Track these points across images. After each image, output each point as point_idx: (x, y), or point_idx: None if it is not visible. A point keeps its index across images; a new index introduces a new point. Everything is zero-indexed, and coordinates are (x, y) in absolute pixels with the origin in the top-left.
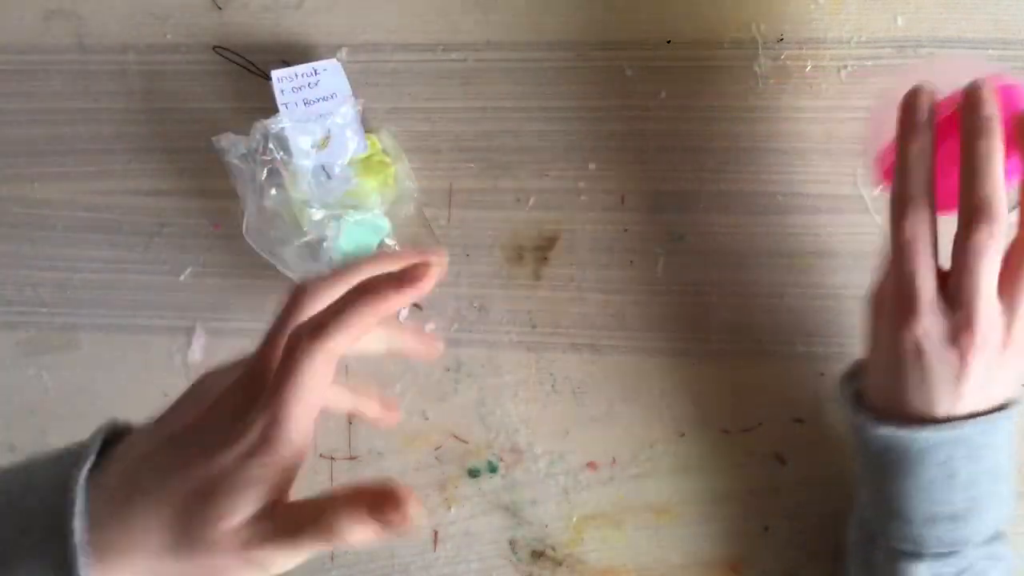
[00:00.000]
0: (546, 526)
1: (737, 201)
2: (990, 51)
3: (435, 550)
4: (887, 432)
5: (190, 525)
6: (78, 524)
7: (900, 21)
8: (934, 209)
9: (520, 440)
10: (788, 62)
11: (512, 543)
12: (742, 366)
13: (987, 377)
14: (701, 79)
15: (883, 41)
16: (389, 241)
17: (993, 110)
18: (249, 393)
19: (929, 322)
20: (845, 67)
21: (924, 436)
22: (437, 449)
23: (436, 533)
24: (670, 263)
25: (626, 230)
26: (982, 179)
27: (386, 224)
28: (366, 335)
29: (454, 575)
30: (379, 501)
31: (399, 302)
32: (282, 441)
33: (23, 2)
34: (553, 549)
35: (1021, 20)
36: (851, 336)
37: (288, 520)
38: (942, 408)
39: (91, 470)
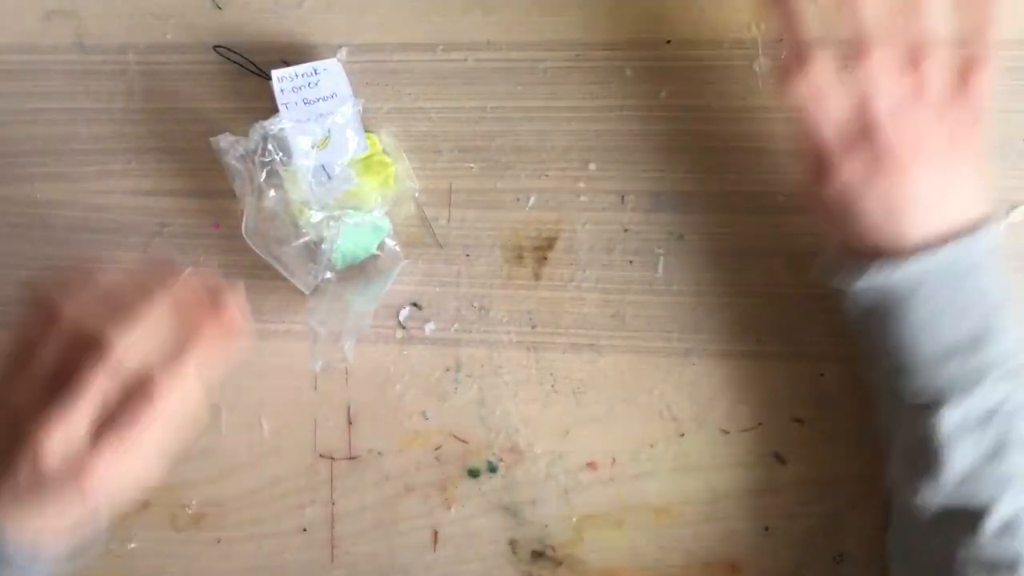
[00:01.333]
0: (546, 526)
1: (737, 201)
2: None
3: (435, 550)
4: (864, 284)
5: None
6: None
7: None
8: None
9: (520, 440)
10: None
11: (512, 543)
12: (742, 366)
13: (940, 175)
14: (701, 79)
15: None
16: (389, 241)
17: None
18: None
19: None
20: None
21: (900, 272)
22: (437, 449)
23: (436, 533)
24: (670, 263)
25: (626, 230)
26: None
27: (386, 224)
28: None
29: (454, 575)
30: None
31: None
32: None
33: (23, 2)
34: (553, 549)
35: (1021, 20)
36: (851, 336)
37: None
38: (909, 230)
39: None
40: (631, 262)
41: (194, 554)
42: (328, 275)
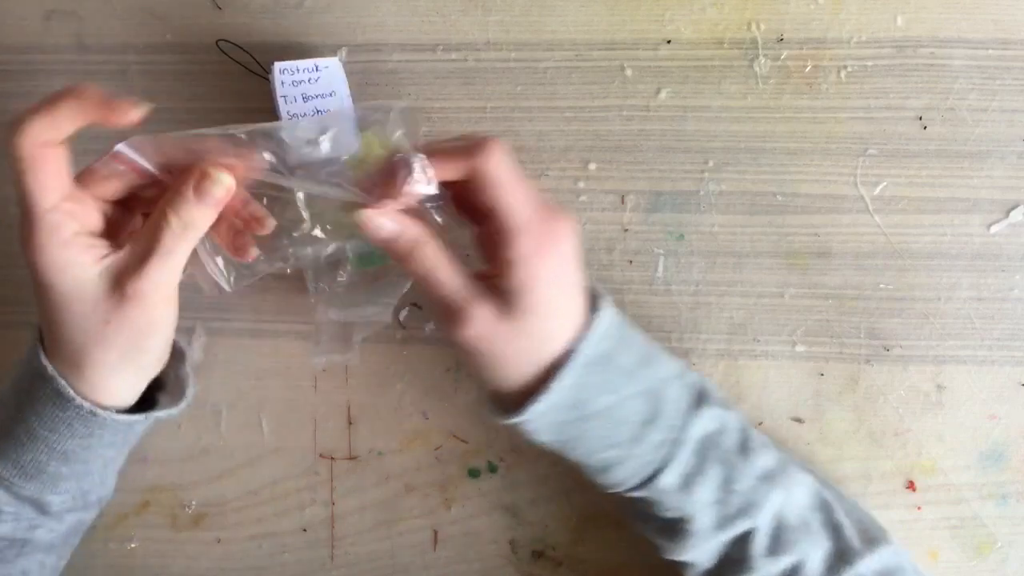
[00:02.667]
0: (546, 526)
1: (737, 201)
2: (990, 51)
3: (435, 550)
4: (515, 419)
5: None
6: (55, 375)
7: (900, 21)
8: None
9: (520, 440)
10: (788, 62)
11: (512, 543)
12: (742, 366)
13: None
14: (701, 79)
15: (883, 41)
16: None
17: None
18: None
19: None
20: (845, 67)
21: (531, 413)
22: (437, 449)
23: (436, 533)
24: (670, 263)
25: (626, 230)
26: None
27: None
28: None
29: (454, 575)
30: None
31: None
32: (31, 215)
33: (23, 2)
34: (553, 549)
35: (1021, 20)
36: (851, 336)
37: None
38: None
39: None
40: (631, 262)
41: (194, 554)
42: (342, 277)
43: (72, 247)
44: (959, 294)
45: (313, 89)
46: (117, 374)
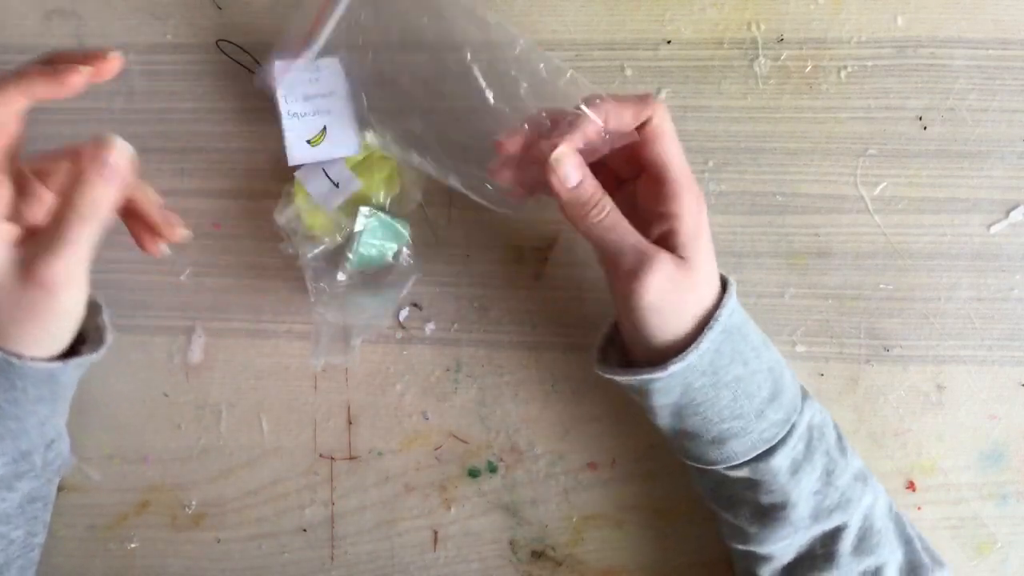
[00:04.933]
0: (546, 526)
1: (737, 201)
2: (990, 51)
3: (435, 550)
4: (670, 371)
5: None
6: None
7: (900, 21)
8: None
9: (520, 440)
10: (788, 62)
11: (512, 543)
12: None
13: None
14: (701, 79)
15: (883, 41)
16: (406, 251)
17: None
18: None
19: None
20: (845, 67)
21: (670, 372)
22: (437, 449)
23: (436, 533)
24: None
25: None
26: None
27: (407, 232)
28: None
29: (454, 575)
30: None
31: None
32: None
33: (23, 2)
34: (553, 549)
35: (1021, 20)
36: (851, 336)
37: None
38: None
39: None
40: None
41: (194, 554)
42: (341, 277)
43: None
44: (959, 294)
45: (313, 88)
46: (32, 343)
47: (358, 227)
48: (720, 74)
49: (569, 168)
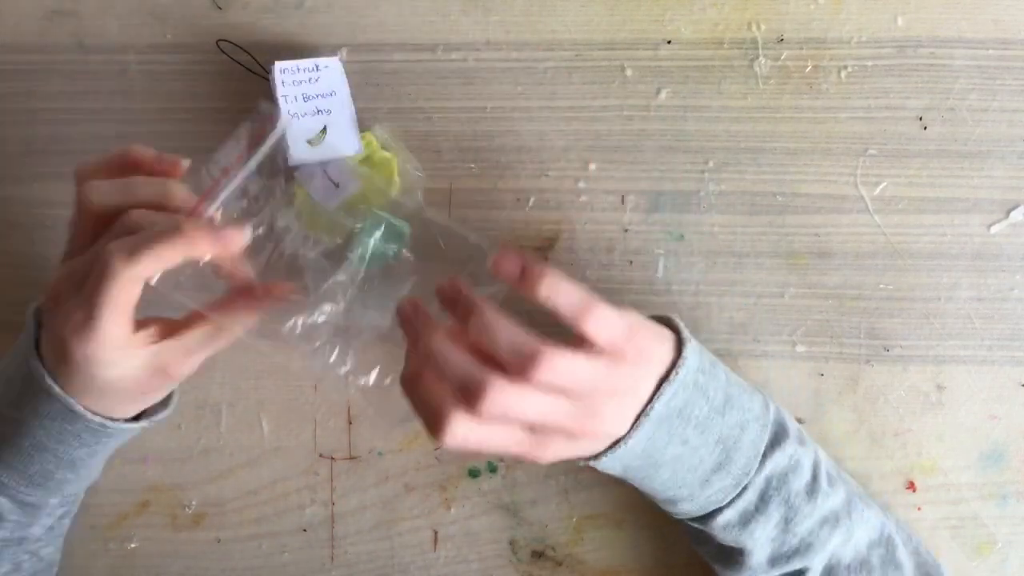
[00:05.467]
0: (546, 526)
1: (737, 201)
2: (990, 51)
3: (435, 550)
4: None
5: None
6: (43, 376)
7: (900, 21)
8: None
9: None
10: (788, 62)
11: (512, 543)
12: (742, 366)
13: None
14: (701, 79)
15: (883, 41)
16: (407, 252)
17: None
18: (75, 280)
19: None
20: (845, 67)
21: (602, 463)
22: (437, 449)
23: (436, 533)
24: (670, 263)
25: (626, 230)
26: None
27: (407, 232)
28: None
29: (454, 575)
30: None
31: (208, 250)
32: (97, 333)
33: (23, 2)
34: (553, 549)
35: (1021, 20)
36: (851, 336)
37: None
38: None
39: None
40: (631, 262)
41: (194, 554)
42: (341, 277)
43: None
44: (959, 294)
45: (313, 89)
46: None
47: (358, 227)
48: (720, 74)
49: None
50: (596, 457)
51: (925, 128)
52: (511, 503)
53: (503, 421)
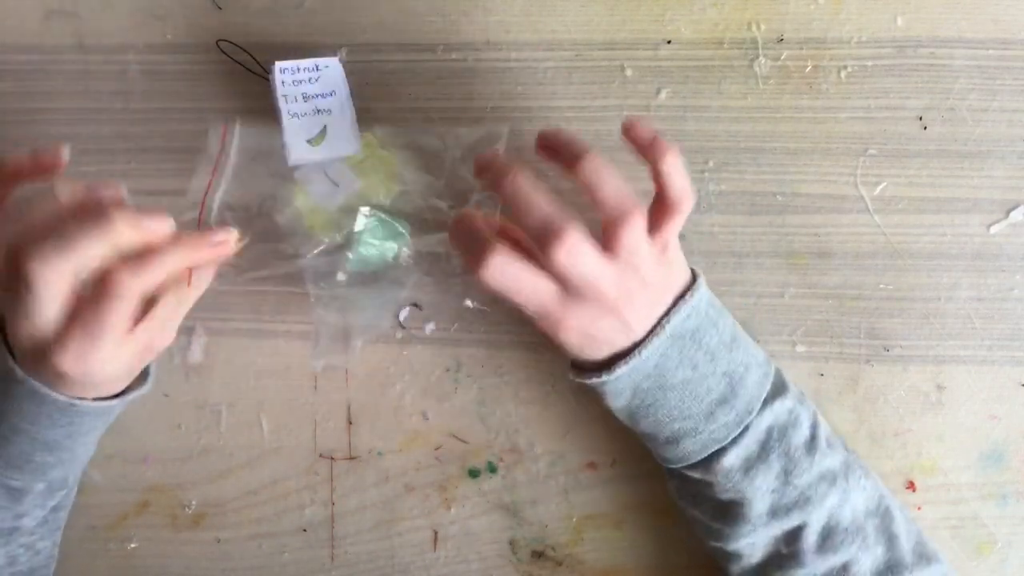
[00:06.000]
0: (546, 526)
1: (737, 201)
2: (990, 51)
3: (435, 550)
4: (613, 382)
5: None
6: (25, 378)
7: (900, 21)
8: None
9: (520, 440)
10: (788, 62)
11: (512, 543)
12: None
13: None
14: (701, 79)
15: (883, 41)
16: (406, 251)
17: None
18: None
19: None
20: (845, 67)
21: (616, 375)
22: (437, 449)
23: (436, 533)
24: None
25: None
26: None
27: (407, 232)
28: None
29: (454, 575)
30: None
31: (207, 256)
32: (100, 353)
33: (23, 2)
34: (553, 549)
35: (1021, 20)
36: (851, 336)
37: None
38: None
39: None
40: None
41: (194, 554)
42: (341, 277)
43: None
44: (959, 294)
45: (313, 89)
46: (82, 392)
47: (358, 227)
48: (720, 74)
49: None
50: (611, 369)
51: (925, 128)
52: (511, 503)
53: (564, 269)
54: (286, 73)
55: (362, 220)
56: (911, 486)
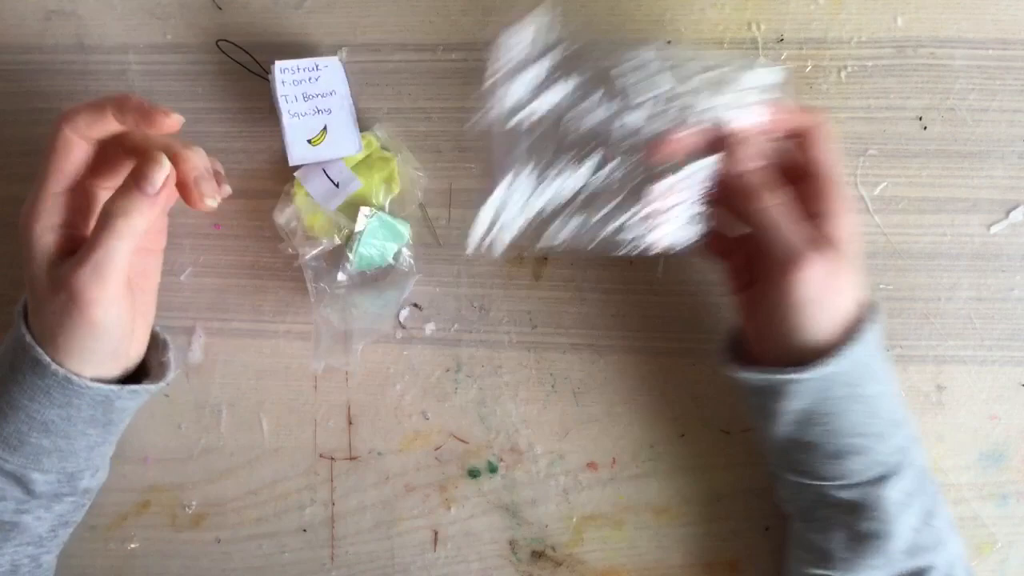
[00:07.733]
0: (546, 526)
1: None
2: (990, 51)
3: (435, 550)
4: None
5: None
6: (32, 343)
7: (900, 21)
8: None
9: (520, 440)
10: (788, 62)
11: (512, 543)
12: None
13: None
14: None
15: (883, 41)
16: (407, 252)
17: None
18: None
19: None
20: (845, 67)
21: (821, 373)
22: (437, 449)
23: (436, 533)
24: (670, 263)
25: None
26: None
27: (407, 231)
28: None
29: (454, 575)
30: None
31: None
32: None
33: (23, 2)
34: (553, 549)
35: (1021, 20)
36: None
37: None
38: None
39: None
40: (631, 262)
41: (194, 554)
42: (341, 277)
43: (48, 235)
44: (959, 294)
45: (313, 88)
46: (78, 359)
47: (358, 227)
48: None
49: (751, 148)
50: (812, 366)
51: (925, 128)
52: (511, 503)
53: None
54: (286, 73)
55: (362, 220)
56: None
